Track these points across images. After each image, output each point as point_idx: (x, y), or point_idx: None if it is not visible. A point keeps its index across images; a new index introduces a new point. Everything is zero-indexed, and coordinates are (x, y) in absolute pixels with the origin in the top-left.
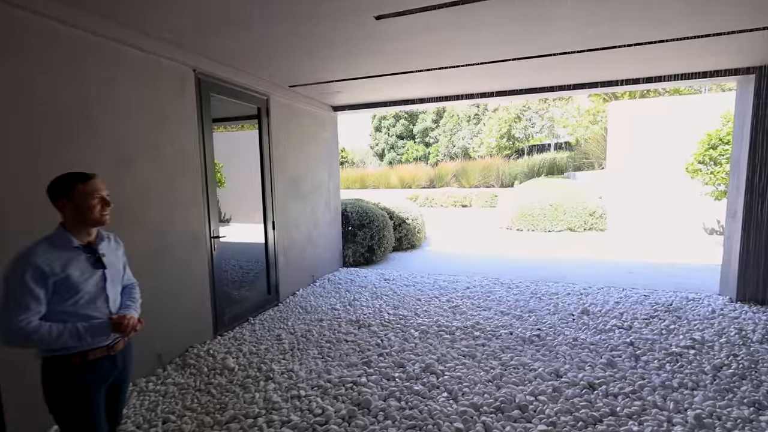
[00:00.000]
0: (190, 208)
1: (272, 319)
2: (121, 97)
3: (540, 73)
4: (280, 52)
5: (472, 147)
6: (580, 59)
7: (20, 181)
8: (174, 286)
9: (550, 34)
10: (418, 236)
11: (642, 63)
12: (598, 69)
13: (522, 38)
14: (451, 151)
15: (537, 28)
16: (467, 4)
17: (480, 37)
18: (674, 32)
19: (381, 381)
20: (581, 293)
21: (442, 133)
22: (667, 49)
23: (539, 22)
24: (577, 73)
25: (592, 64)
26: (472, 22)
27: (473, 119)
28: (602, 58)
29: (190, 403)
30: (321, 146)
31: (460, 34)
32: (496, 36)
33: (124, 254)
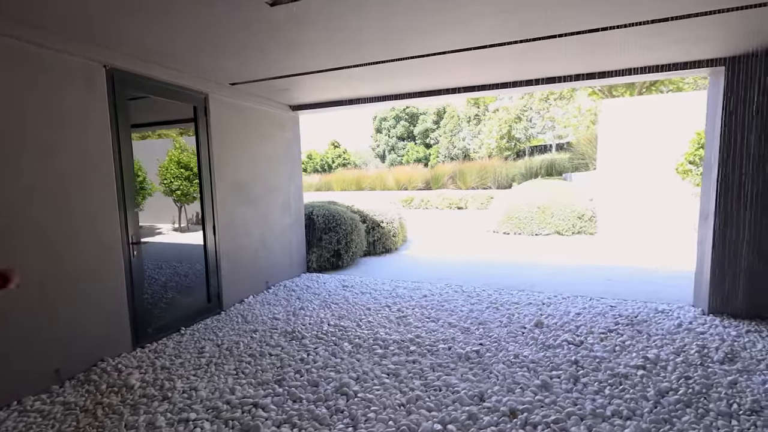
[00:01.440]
0: (99, 214)
1: (205, 329)
2: (13, 95)
3: (492, 68)
4: (206, 46)
5: (472, 148)
6: (511, 53)
7: None
8: (78, 297)
9: (476, 21)
10: (393, 240)
11: (599, 55)
12: (543, 63)
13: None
14: (452, 152)
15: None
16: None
17: (422, 24)
18: (632, 16)
19: (285, 403)
20: (543, 303)
21: (442, 134)
22: (625, 36)
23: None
24: (515, 70)
25: (532, 58)
26: (395, 8)
27: (473, 120)
28: (545, 49)
29: (66, 426)
30: (279, 147)
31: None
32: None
33: None
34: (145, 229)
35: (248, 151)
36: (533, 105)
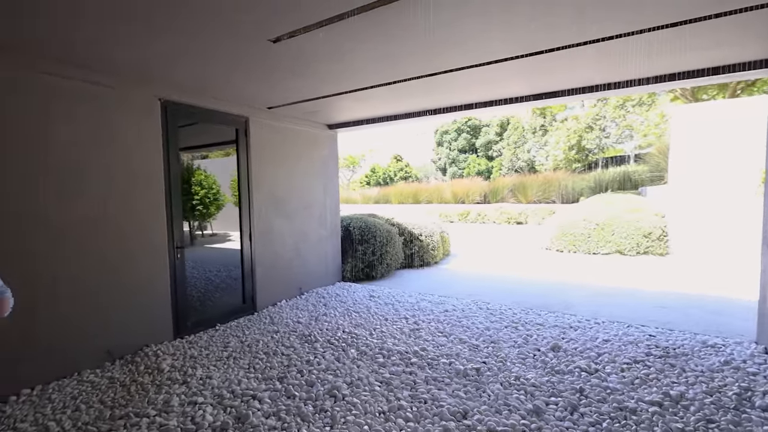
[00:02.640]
0: (150, 222)
1: (236, 327)
2: (87, 128)
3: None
4: (243, 77)
5: (538, 160)
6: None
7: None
8: (132, 291)
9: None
10: (432, 254)
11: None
12: (595, 70)
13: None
14: (515, 164)
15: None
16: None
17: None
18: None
19: (279, 398)
20: (571, 326)
21: (506, 146)
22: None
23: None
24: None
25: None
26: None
27: (539, 131)
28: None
29: (107, 396)
30: (315, 164)
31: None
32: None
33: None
34: (219, 236)
35: (285, 168)
36: (607, 113)
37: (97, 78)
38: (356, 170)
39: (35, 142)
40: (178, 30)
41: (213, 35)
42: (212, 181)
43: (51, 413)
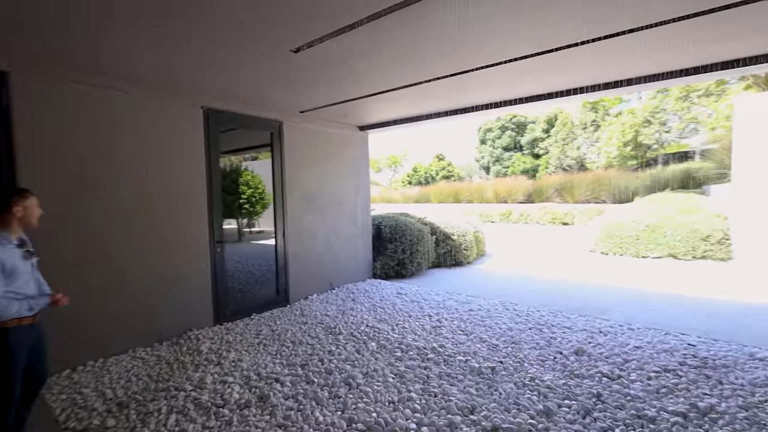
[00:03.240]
0: (194, 220)
1: (270, 317)
2: (137, 135)
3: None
4: (276, 85)
5: (589, 157)
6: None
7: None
8: (178, 281)
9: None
10: (465, 253)
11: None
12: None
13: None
14: (563, 162)
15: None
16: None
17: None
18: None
19: (299, 383)
20: (601, 331)
21: (553, 143)
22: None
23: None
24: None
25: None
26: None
27: (590, 126)
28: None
29: (154, 371)
30: (346, 164)
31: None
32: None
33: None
34: (265, 233)
35: (317, 168)
36: (668, 105)
37: (151, 91)
38: (398, 170)
39: (106, 145)
40: (214, 43)
41: (240, 47)
42: (258, 181)
43: (108, 382)
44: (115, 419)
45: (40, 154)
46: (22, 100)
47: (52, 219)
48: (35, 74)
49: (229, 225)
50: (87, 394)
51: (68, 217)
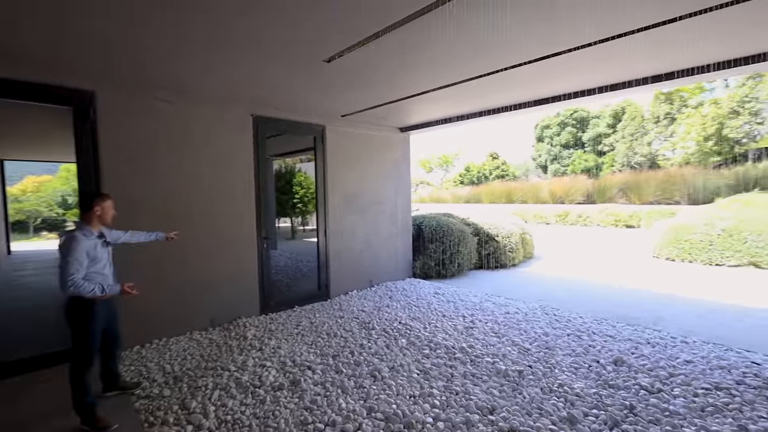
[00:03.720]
0: (244, 217)
1: (310, 310)
2: (198, 140)
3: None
4: (318, 92)
5: (662, 153)
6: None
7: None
8: (231, 273)
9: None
10: (510, 255)
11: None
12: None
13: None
14: (631, 159)
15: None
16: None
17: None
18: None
19: (328, 372)
20: (649, 342)
21: (620, 138)
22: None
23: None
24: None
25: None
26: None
27: (664, 119)
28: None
29: (205, 352)
30: (386, 165)
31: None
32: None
33: (109, 230)
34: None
35: (357, 169)
36: (761, 92)
37: (209, 102)
38: (449, 169)
39: (172, 150)
40: (260, 61)
41: (278, 62)
42: (310, 181)
43: (168, 359)
44: (171, 390)
45: (118, 158)
46: (104, 115)
47: (131, 217)
48: (116, 92)
49: (284, 223)
50: (151, 367)
51: (143, 214)
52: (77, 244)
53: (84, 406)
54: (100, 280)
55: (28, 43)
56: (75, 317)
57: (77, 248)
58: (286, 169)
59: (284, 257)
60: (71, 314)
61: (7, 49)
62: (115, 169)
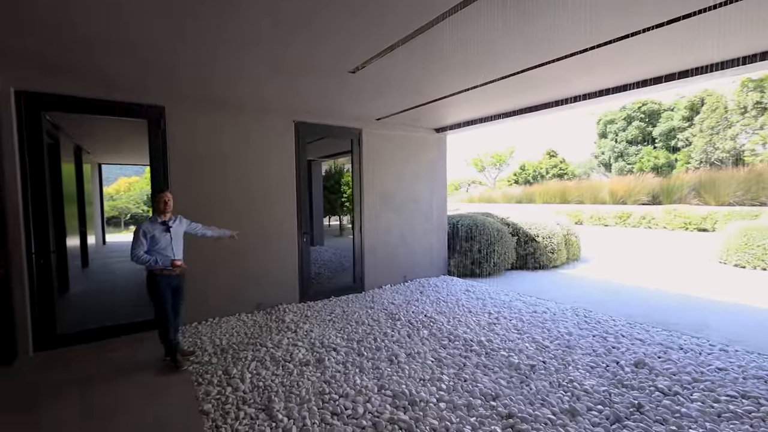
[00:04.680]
0: (286, 215)
1: (345, 301)
2: (247, 145)
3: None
4: (353, 99)
5: (751, 149)
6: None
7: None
8: (275, 264)
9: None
10: (551, 256)
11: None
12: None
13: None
14: (711, 155)
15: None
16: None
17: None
18: None
19: (351, 354)
20: (681, 348)
21: (698, 132)
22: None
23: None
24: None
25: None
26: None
27: (753, 109)
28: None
29: (249, 331)
30: (422, 165)
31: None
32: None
33: (188, 222)
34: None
35: (393, 170)
36: None
37: (258, 112)
38: (503, 168)
39: (227, 155)
40: (290, 73)
41: (311, 75)
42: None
43: (218, 334)
44: (217, 359)
45: (183, 162)
46: (172, 125)
47: (192, 213)
48: (181, 106)
49: (335, 221)
50: (204, 340)
51: (202, 211)
52: (138, 229)
53: (169, 346)
54: (159, 257)
55: (119, 73)
56: (148, 287)
57: (137, 232)
58: (335, 170)
59: (329, 253)
60: (147, 286)
61: (105, 78)
62: (179, 172)
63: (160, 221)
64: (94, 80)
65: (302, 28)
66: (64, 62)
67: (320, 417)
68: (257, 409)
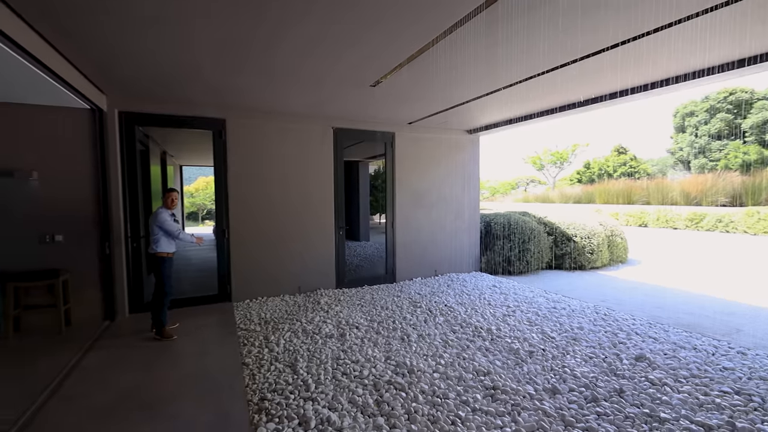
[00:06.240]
0: (325, 211)
1: (376, 289)
2: (292, 150)
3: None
4: (388, 106)
5: None
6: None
7: (274, 198)
8: (313, 254)
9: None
10: (590, 257)
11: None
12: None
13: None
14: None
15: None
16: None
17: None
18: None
19: (369, 331)
20: (695, 347)
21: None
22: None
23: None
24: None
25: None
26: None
27: None
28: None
29: (289, 308)
30: (453, 166)
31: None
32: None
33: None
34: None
35: (424, 170)
36: None
37: (301, 120)
38: (564, 166)
39: (275, 158)
40: (328, 85)
41: (341, 89)
42: None
43: (264, 310)
44: (260, 328)
45: (238, 165)
46: (231, 134)
47: (245, 210)
48: (238, 118)
49: (382, 219)
50: (252, 314)
51: (252, 208)
52: (164, 214)
53: (159, 322)
54: (170, 240)
55: (190, 96)
56: (161, 269)
57: (164, 216)
58: (383, 170)
59: (372, 248)
60: (158, 268)
61: (180, 100)
62: (236, 172)
63: (170, 213)
64: (173, 101)
65: (334, 59)
66: (151, 90)
67: (332, 375)
68: (285, 365)
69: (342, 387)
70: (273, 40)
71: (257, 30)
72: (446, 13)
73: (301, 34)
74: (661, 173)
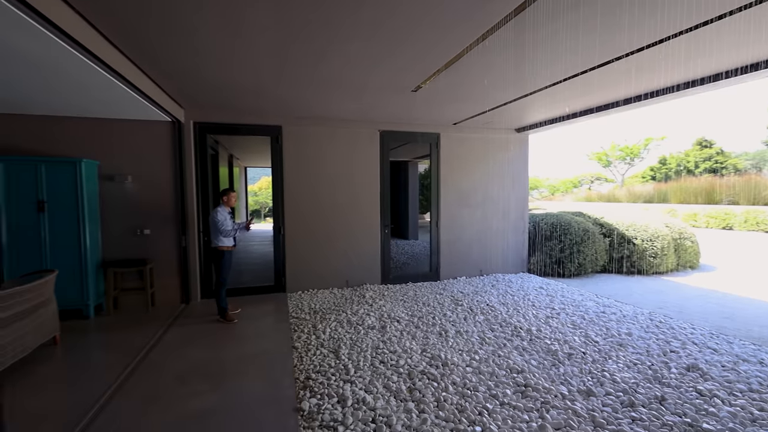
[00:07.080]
0: (371, 210)
1: (420, 287)
2: (340, 152)
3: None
4: (431, 109)
5: None
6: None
7: (323, 201)
8: (360, 251)
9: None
10: (651, 261)
11: None
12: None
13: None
14: None
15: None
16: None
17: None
18: None
19: (409, 325)
20: (759, 362)
21: None
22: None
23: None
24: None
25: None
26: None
27: None
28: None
29: (336, 300)
30: (498, 165)
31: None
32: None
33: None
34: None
35: (470, 170)
36: None
37: (349, 125)
38: (635, 162)
39: (325, 159)
40: (371, 93)
41: (380, 93)
42: None
43: (314, 301)
44: (310, 317)
45: (293, 168)
46: (286, 139)
47: (298, 209)
48: (292, 124)
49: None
50: (303, 304)
51: (304, 206)
52: (222, 212)
53: (220, 308)
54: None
55: (252, 107)
56: (221, 260)
57: (222, 215)
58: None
59: (420, 246)
60: (218, 259)
61: (244, 110)
62: (290, 174)
63: (228, 211)
64: (237, 112)
65: (373, 71)
66: (220, 103)
67: (371, 362)
68: (329, 351)
69: (378, 373)
70: (322, 58)
71: (308, 50)
72: (473, 25)
73: (345, 52)
74: (755, 168)
